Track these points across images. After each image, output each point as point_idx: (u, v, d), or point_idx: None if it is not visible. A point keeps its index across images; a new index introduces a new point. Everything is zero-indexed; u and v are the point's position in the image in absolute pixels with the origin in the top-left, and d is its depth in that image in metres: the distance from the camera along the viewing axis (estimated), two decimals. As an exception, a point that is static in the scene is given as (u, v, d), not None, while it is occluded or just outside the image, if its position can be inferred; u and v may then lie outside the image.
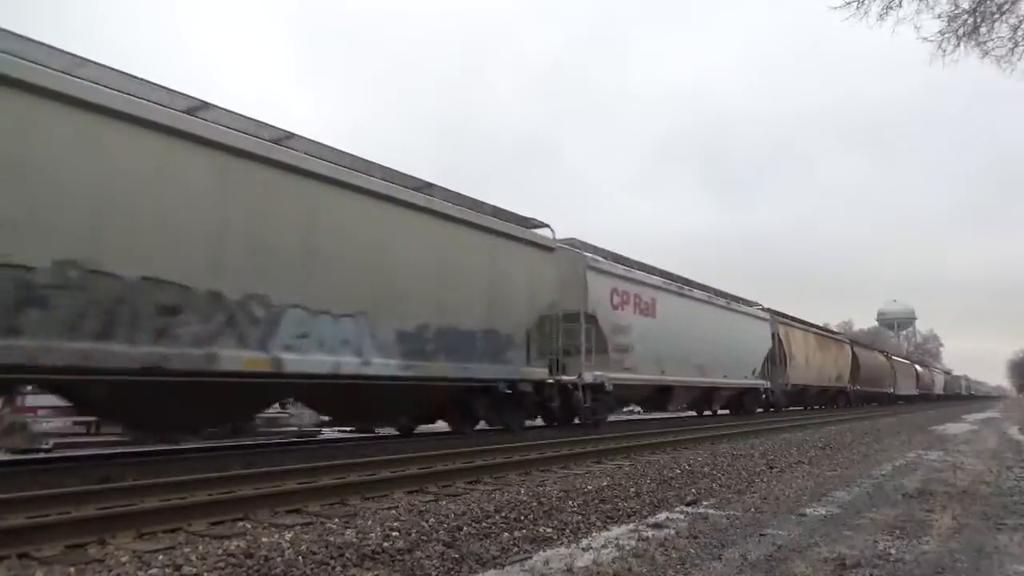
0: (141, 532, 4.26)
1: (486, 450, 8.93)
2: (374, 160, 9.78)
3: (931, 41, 9.03)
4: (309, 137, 8.98)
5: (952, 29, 8.95)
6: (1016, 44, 9.04)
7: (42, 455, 9.29)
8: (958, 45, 9.00)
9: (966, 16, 8.94)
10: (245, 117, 8.26)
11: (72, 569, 3.47)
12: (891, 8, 8.73)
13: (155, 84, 7.43)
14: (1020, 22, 8.97)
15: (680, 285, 18.56)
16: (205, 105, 7.79)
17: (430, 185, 10.55)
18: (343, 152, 9.36)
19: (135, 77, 7.24)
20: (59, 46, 6.65)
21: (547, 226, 12.86)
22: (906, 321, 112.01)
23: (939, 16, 8.95)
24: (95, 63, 6.95)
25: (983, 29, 8.96)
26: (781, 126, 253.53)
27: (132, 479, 5.92)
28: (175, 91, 7.60)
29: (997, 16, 8.90)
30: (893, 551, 4.03)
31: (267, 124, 8.53)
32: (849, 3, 8.81)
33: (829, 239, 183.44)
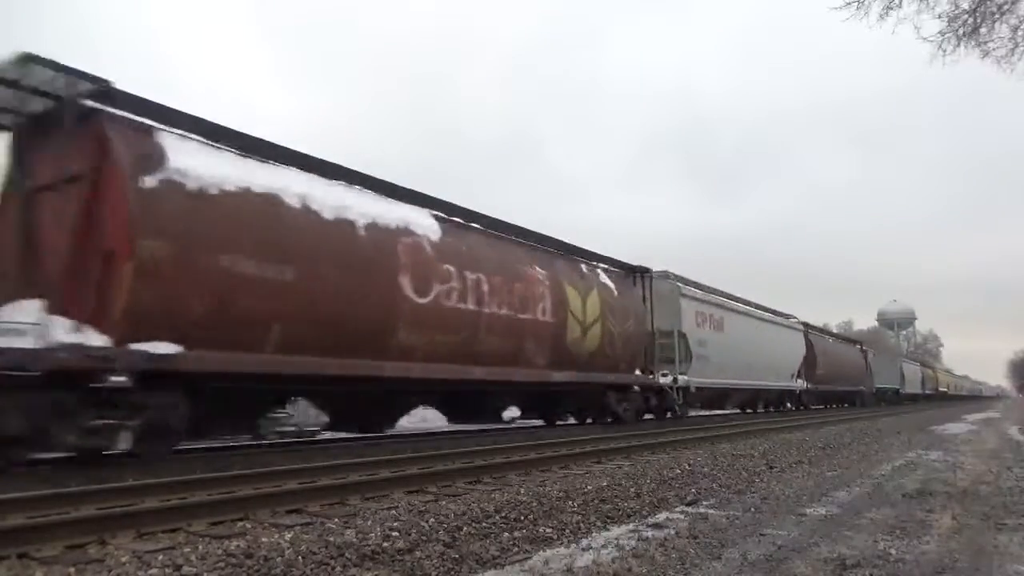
0: (141, 532, 4.26)
1: (486, 450, 8.94)
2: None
3: (931, 41, 9.03)
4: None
5: (952, 29, 8.94)
6: (1016, 44, 9.03)
7: (42, 455, 9.26)
8: (958, 45, 8.99)
9: (966, 16, 8.92)
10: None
11: (72, 569, 3.47)
12: (891, 8, 8.72)
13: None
14: (1020, 22, 8.96)
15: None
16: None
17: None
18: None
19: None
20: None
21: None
22: (906, 321, 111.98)
23: (939, 16, 8.94)
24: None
25: (983, 29, 8.95)
26: (773, 124, 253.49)
27: (132, 479, 5.92)
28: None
29: (997, 16, 8.90)
30: (893, 551, 4.03)
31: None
32: (849, 3, 8.80)
33: (828, 239, 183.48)
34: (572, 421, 15.36)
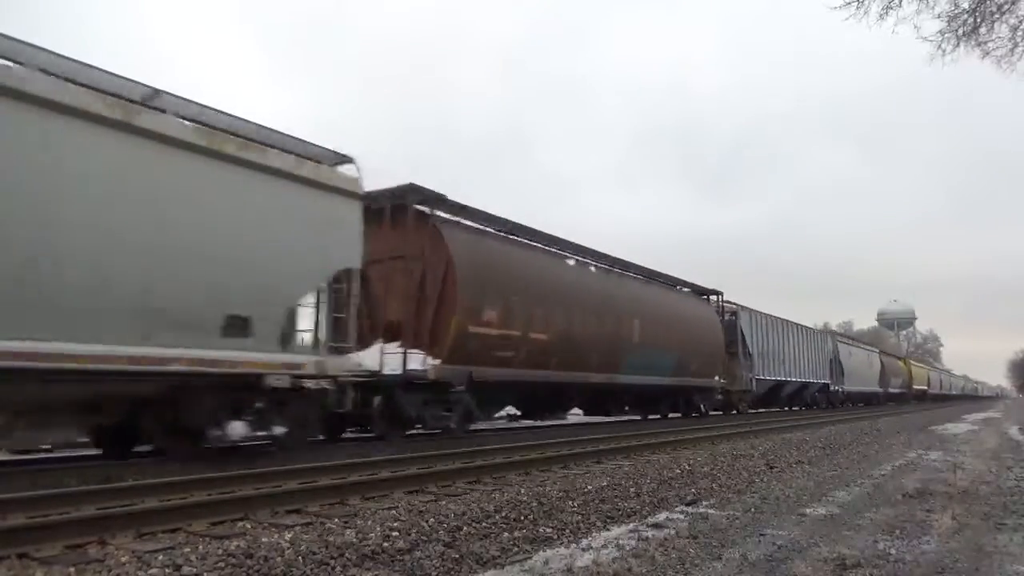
0: (141, 532, 4.26)
1: (486, 450, 8.94)
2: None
3: (931, 41, 9.03)
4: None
5: (952, 29, 8.95)
6: (1016, 44, 9.04)
7: (42, 455, 9.28)
8: (958, 45, 9.00)
9: (966, 16, 8.93)
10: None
11: (72, 569, 3.47)
12: (891, 8, 8.72)
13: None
14: (1020, 22, 8.97)
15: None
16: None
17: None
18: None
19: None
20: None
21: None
22: (906, 321, 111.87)
23: (939, 16, 8.95)
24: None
25: (983, 29, 8.96)
26: (771, 121, 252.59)
27: (132, 479, 5.92)
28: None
29: (997, 16, 8.90)
30: (893, 551, 4.03)
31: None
32: (849, 3, 8.81)
33: (828, 239, 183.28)
34: None
